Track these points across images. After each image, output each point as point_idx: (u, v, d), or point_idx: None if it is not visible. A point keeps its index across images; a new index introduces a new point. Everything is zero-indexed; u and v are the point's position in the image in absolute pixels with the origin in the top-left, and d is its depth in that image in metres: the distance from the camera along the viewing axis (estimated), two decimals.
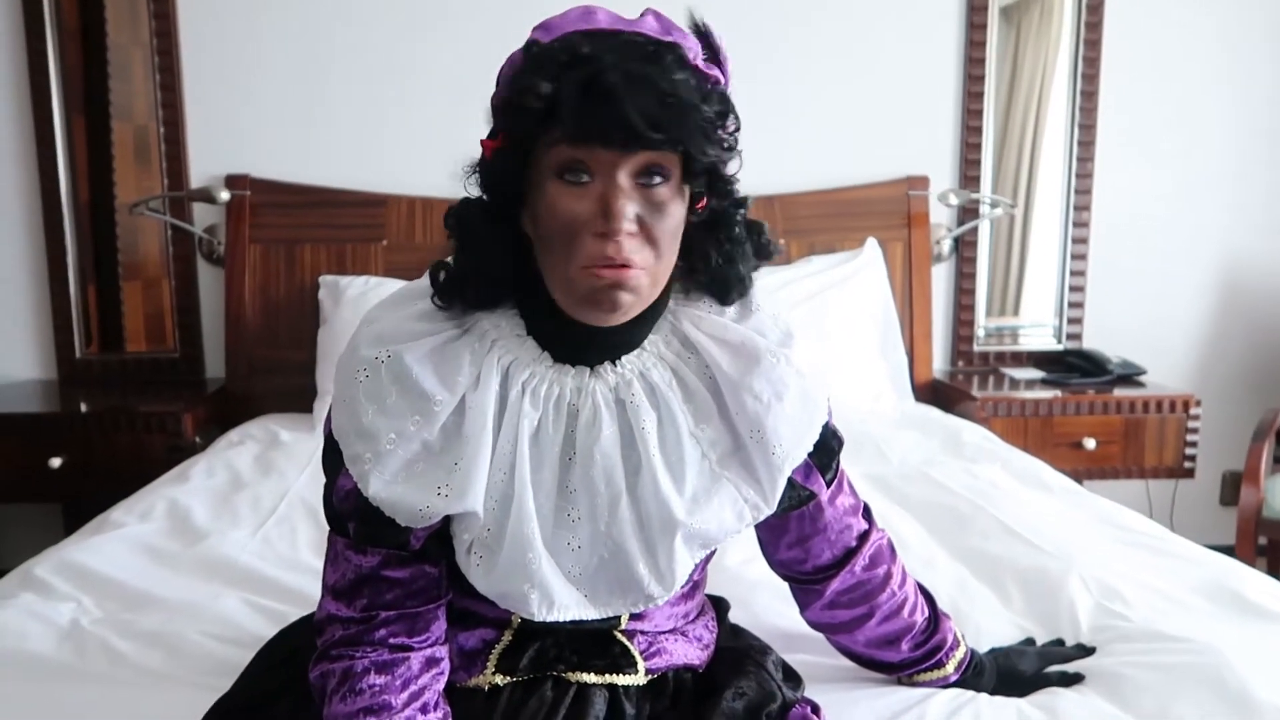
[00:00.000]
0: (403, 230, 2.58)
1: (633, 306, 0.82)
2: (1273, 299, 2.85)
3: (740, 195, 0.89)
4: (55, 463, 2.26)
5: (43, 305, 2.61)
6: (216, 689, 1.05)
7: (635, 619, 0.96)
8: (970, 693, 1.09)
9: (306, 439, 2.16)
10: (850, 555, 1.03)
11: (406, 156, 2.59)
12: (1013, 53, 2.75)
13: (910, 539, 1.60)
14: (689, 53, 0.81)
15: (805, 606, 1.09)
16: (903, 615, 1.07)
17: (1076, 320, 2.80)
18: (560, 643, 0.94)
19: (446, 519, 0.87)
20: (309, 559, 1.54)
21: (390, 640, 0.88)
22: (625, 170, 0.78)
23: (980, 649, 1.17)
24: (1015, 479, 1.88)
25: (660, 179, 0.80)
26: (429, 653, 0.90)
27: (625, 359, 0.89)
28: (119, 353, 2.66)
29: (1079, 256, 2.78)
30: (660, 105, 0.75)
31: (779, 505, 0.93)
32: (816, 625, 1.11)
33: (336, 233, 2.58)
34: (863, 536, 1.04)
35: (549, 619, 0.86)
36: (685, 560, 0.88)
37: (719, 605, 1.15)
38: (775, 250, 0.94)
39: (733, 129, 0.83)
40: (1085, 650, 1.20)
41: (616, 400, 0.87)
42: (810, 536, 1.02)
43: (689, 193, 0.84)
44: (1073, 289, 2.79)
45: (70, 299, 2.59)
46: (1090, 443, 2.46)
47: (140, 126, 2.58)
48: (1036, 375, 2.67)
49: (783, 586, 1.11)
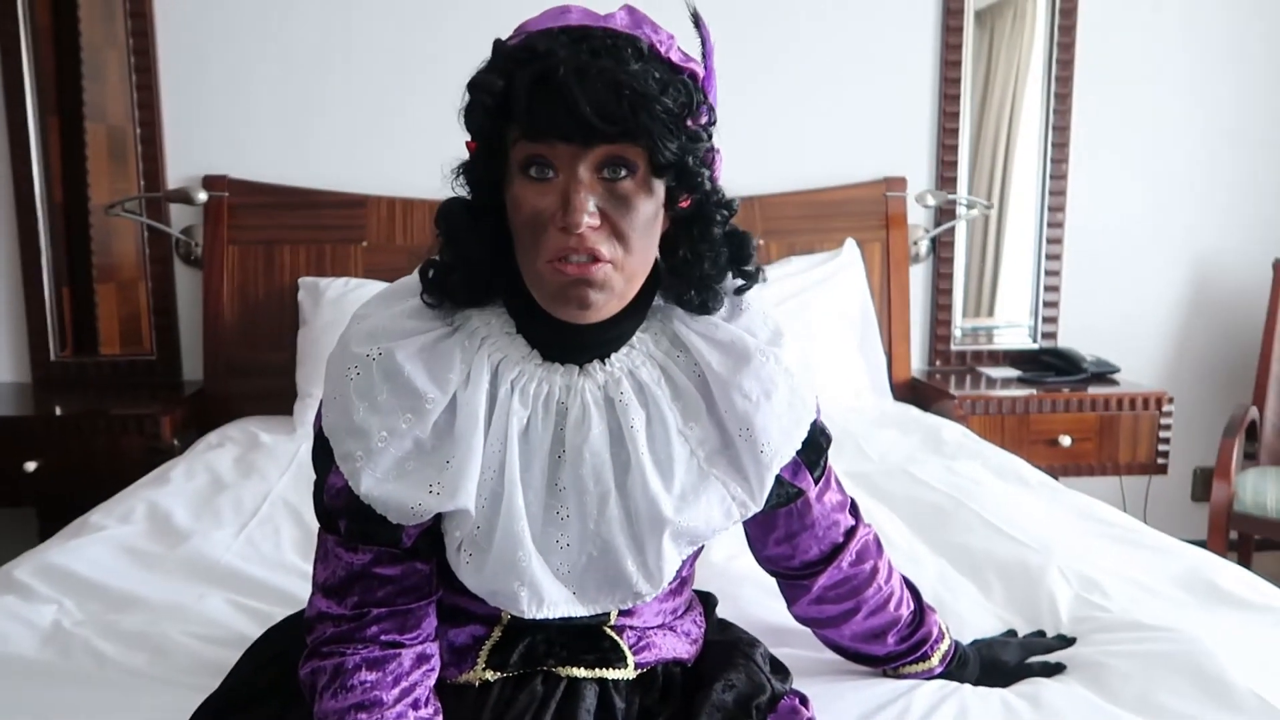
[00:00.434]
0: (383, 231, 2.57)
1: (605, 304, 0.82)
2: (1241, 297, 2.90)
3: (727, 198, 0.89)
4: (30, 466, 2.23)
5: (16, 308, 2.58)
6: (203, 689, 1.04)
7: (624, 615, 0.97)
8: (955, 684, 1.10)
9: (287, 441, 2.15)
10: (837, 551, 1.04)
11: (386, 157, 2.58)
12: (987, 56, 2.78)
13: (893, 535, 1.61)
14: (660, 45, 0.81)
15: (793, 601, 1.10)
16: (889, 609, 1.08)
17: (1051, 319, 2.84)
18: (550, 638, 0.95)
19: (438, 517, 0.87)
20: (293, 559, 1.54)
21: (381, 637, 0.88)
22: (586, 164, 0.79)
23: (963, 641, 1.18)
24: (994, 475, 1.90)
25: (625, 172, 0.79)
26: (420, 649, 0.90)
27: (614, 357, 0.89)
28: (94, 355, 2.63)
29: (1053, 257, 2.82)
30: (614, 97, 0.75)
31: (768, 502, 0.94)
32: (804, 620, 1.12)
33: (316, 234, 2.56)
34: (849, 532, 1.05)
35: (539, 616, 0.86)
36: (673, 558, 0.88)
37: (707, 600, 1.16)
38: (759, 274, 0.92)
39: (705, 121, 0.83)
40: (1066, 641, 1.23)
41: (605, 398, 0.88)
42: (798, 533, 1.03)
43: (662, 188, 0.83)
44: (1047, 289, 2.83)
45: (45, 301, 2.56)
46: (1065, 440, 2.50)
47: (115, 127, 2.55)
48: (1012, 374, 2.70)
49: (769, 581, 1.12)
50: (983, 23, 2.76)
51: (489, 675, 0.93)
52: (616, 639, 0.96)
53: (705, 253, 0.88)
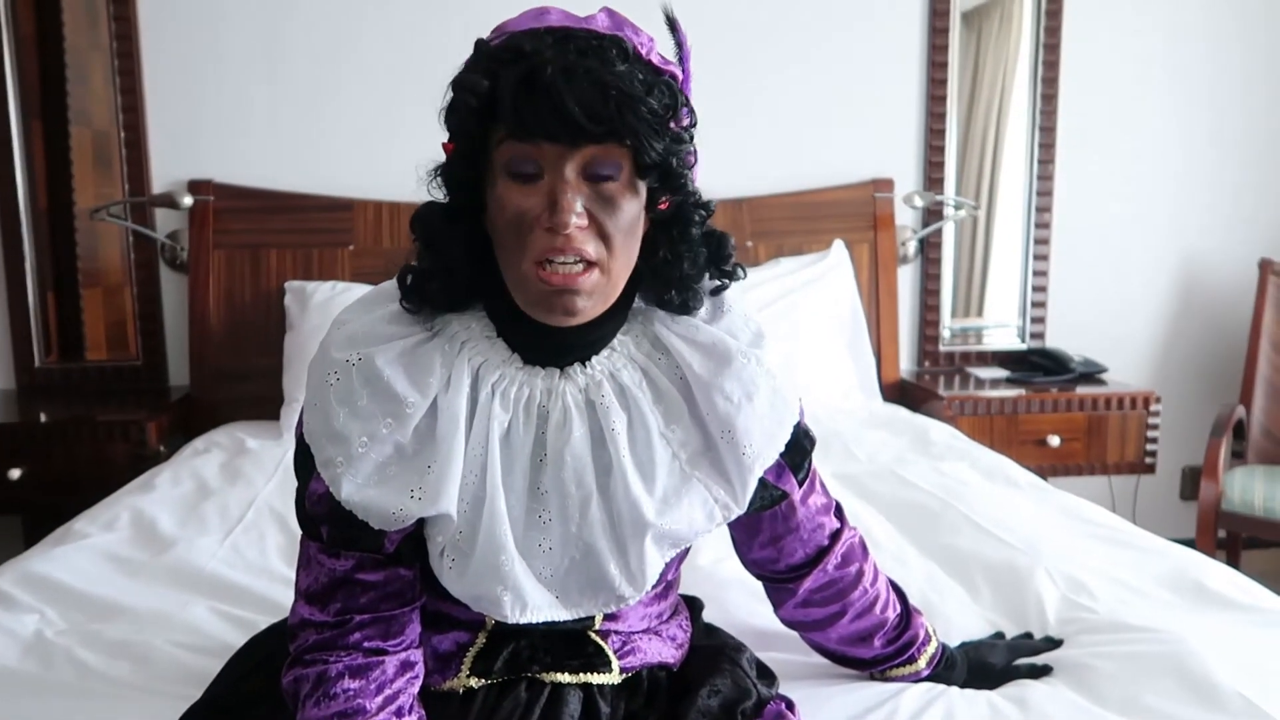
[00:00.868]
0: (370, 235, 2.56)
1: (590, 308, 0.82)
2: (1227, 297, 2.91)
3: (704, 199, 0.89)
4: (15, 474, 2.21)
5: (0, 314, 2.56)
6: (187, 698, 1.04)
7: (609, 619, 0.96)
8: (942, 686, 1.10)
9: (274, 446, 2.14)
10: (823, 554, 1.04)
11: (373, 160, 2.57)
12: (974, 58, 2.79)
13: (881, 536, 1.61)
14: (641, 47, 0.81)
15: (779, 605, 1.10)
16: (875, 612, 1.08)
17: (1039, 320, 2.85)
18: (534, 644, 0.94)
19: (420, 522, 0.86)
20: (279, 566, 1.53)
21: (364, 644, 0.88)
22: (573, 165, 0.79)
23: (951, 643, 1.18)
24: (983, 476, 1.90)
25: (610, 173, 0.79)
26: (404, 656, 0.89)
27: (595, 360, 0.89)
28: (80, 361, 2.61)
29: (1041, 257, 2.82)
30: (601, 98, 0.75)
31: (751, 505, 0.93)
32: (790, 623, 1.12)
33: (302, 238, 2.55)
34: (835, 535, 1.05)
35: (522, 621, 0.86)
36: (656, 560, 0.88)
37: (693, 605, 1.16)
38: (737, 271, 0.92)
39: (686, 123, 0.83)
40: (1053, 642, 1.23)
41: (587, 401, 0.88)
42: (783, 536, 1.02)
43: (645, 189, 0.83)
44: (1035, 289, 2.84)
45: (29, 307, 2.54)
46: (1054, 440, 2.50)
47: (100, 131, 2.54)
48: (1001, 374, 2.71)
49: (755, 585, 1.12)
50: (970, 24, 2.77)
51: (473, 682, 0.93)
52: (601, 644, 0.96)
53: (684, 253, 0.88)
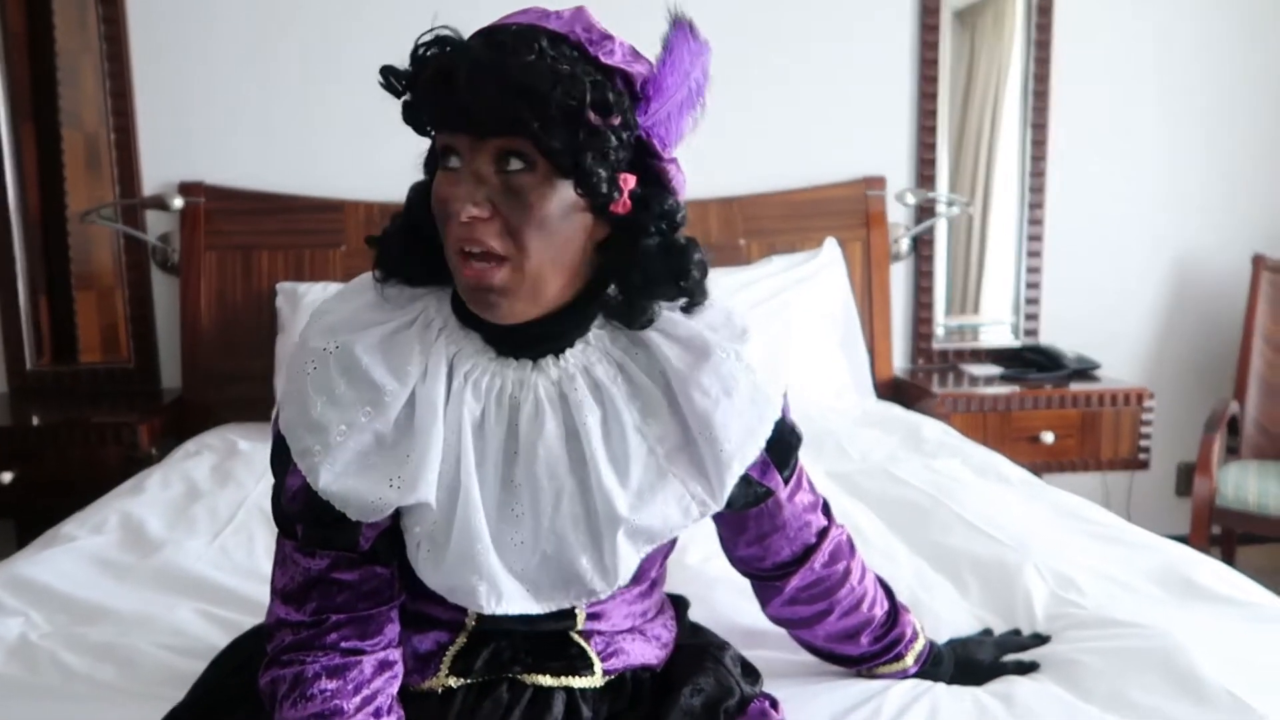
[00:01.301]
0: (361, 235, 2.55)
1: (513, 307, 0.82)
2: (1221, 292, 2.91)
3: (668, 208, 0.85)
4: (6, 477, 2.21)
5: None
6: (171, 700, 1.03)
7: (592, 619, 0.96)
8: (928, 683, 1.10)
9: (265, 448, 2.08)
10: (810, 552, 1.04)
11: (363, 161, 2.56)
12: (969, 55, 2.79)
13: (871, 534, 1.61)
14: (590, 44, 0.79)
15: (766, 603, 1.10)
16: (862, 610, 1.08)
17: (1033, 316, 2.84)
18: (515, 644, 0.93)
19: (395, 516, 0.86)
20: (267, 567, 1.50)
21: (341, 644, 0.87)
22: (484, 156, 0.79)
23: (939, 640, 1.18)
24: (974, 473, 1.90)
25: (519, 165, 0.79)
26: (382, 656, 0.89)
27: (569, 353, 0.88)
28: (72, 364, 2.61)
29: (1034, 254, 2.82)
30: (498, 90, 0.76)
31: (736, 503, 0.93)
32: (777, 621, 1.12)
33: (294, 239, 2.54)
34: (822, 533, 1.05)
35: (497, 611, 0.85)
36: (629, 556, 0.87)
37: (679, 604, 1.15)
38: (698, 291, 0.88)
39: (618, 122, 0.80)
40: (1041, 639, 1.22)
41: (559, 395, 0.87)
42: (769, 534, 1.02)
43: (570, 187, 0.80)
44: (1029, 286, 2.83)
45: (20, 310, 2.54)
46: (1048, 436, 2.50)
47: (91, 134, 2.53)
48: (995, 371, 2.70)
49: (743, 583, 1.12)
50: (964, 22, 2.77)
51: (452, 682, 0.92)
52: (584, 645, 0.95)
53: (633, 263, 0.85)
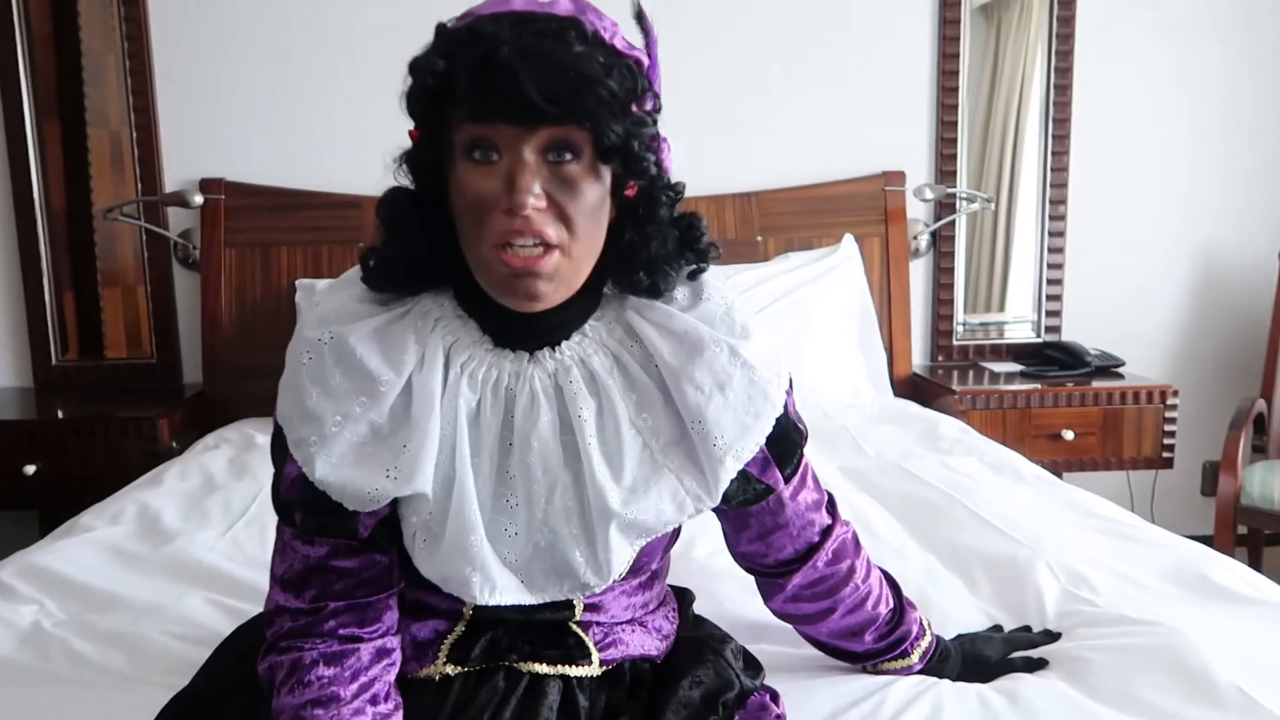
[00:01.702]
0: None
1: (553, 293, 0.82)
2: (1247, 289, 2.86)
3: (673, 182, 0.88)
4: (30, 470, 2.24)
5: (18, 313, 2.60)
6: (177, 687, 1.03)
7: (590, 610, 0.95)
8: (932, 679, 1.09)
9: None
10: (813, 550, 1.02)
11: (381, 158, 2.57)
12: (993, 50, 2.76)
13: (882, 530, 1.59)
14: (604, 31, 0.80)
15: (768, 598, 1.09)
16: (866, 608, 1.06)
17: (1055, 313, 2.81)
18: (513, 633, 0.93)
19: (394, 505, 0.86)
20: None
21: (340, 631, 0.87)
22: (531, 146, 0.78)
23: (947, 636, 1.16)
24: (990, 470, 1.88)
25: (570, 155, 0.79)
26: (380, 643, 0.89)
27: (565, 345, 0.88)
28: (96, 359, 2.65)
29: (1056, 250, 2.78)
30: (558, 79, 0.75)
31: (735, 499, 0.93)
32: (780, 616, 1.11)
33: (312, 235, 2.56)
34: (826, 531, 1.03)
35: (491, 602, 0.85)
36: (622, 550, 0.87)
37: (683, 596, 1.14)
38: (711, 251, 0.91)
39: (650, 107, 0.82)
40: (1051, 636, 1.20)
41: (555, 387, 0.87)
42: (772, 531, 1.01)
43: (610, 174, 0.82)
44: (1050, 282, 2.80)
45: (45, 306, 2.58)
46: (1069, 434, 2.47)
47: (115, 132, 2.57)
48: (1015, 368, 2.67)
49: (748, 577, 1.11)
50: (989, 16, 2.74)
51: (449, 670, 0.92)
52: (582, 635, 0.95)
53: (652, 235, 0.86)
